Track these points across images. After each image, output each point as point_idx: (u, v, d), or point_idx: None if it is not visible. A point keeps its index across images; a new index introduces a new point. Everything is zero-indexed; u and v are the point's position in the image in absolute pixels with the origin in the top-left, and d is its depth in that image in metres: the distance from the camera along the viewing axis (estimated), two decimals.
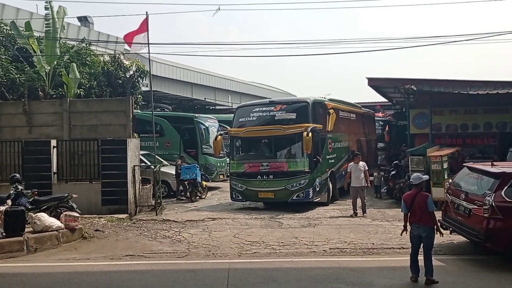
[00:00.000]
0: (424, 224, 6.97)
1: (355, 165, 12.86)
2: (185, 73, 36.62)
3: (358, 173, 12.71)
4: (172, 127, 19.32)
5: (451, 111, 18.00)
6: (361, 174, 12.70)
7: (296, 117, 13.69)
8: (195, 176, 15.72)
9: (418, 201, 7.04)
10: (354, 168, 12.82)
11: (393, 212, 12.84)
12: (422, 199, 7.03)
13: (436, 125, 17.94)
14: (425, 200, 7.01)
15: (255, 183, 13.78)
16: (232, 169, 14.63)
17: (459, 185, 8.96)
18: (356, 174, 12.73)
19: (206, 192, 16.66)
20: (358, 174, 12.71)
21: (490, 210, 7.67)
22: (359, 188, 12.70)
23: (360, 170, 12.74)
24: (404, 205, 7.22)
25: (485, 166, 8.74)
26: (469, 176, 8.90)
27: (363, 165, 12.86)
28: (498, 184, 7.87)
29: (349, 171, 13.01)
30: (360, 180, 12.69)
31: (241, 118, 14.51)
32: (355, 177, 12.76)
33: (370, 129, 21.12)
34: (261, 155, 14.21)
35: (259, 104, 14.96)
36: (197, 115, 19.83)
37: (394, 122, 25.90)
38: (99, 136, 13.35)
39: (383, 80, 18.46)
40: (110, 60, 19.09)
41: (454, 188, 9.03)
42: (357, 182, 12.71)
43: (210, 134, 19.05)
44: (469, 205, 8.19)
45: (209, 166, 18.75)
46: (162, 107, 24.04)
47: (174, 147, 19.05)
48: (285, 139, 13.82)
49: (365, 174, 12.80)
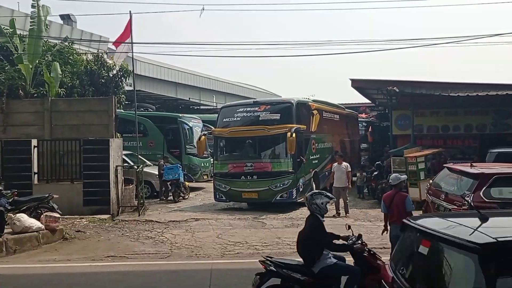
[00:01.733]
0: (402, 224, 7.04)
1: (338, 165, 12.98)
2: (170, 72, 36.41)
3: (341, 174, 12.82)
4: (156, 127, 19.19)
5: (432, 112, 18.25)
6: (343, 175, 12.81)
7: (280, 118, 13.72)
8: (178, 176, 15.65)
9: (396, 201, 7.13)
10: (337, 169, 12.94)
11: (375, 212, 12.95)
12: (400, 199, 7.12)
13: (418, 126, 18.17)
14: (403, 200, 7.10)
15: (239, 183, 13.78)
16: (216, 170, 14.60)
17: (439, 185, 9.10)
18: (339, 174, 12.85)
19: (188, 193, 16.60)
20: (340, 175, 12.83)
21: (469, 210, 7.79)
22: (341, 189, 12.82)
23: (342, 171, 12.85)
24: (384, 205, 7.30)
25: (464, 167, 8.89)
26: (449, 177, 9.05)
27: (346, 165, 12.97)
28: (477, 184, 8.00)
29: (332, 171, 13.13)
30: (343, 180, 12.81)
31: (225, 118, 14.49)
32: (337, 178, 12.87)
33: (353, 130, 21.29)
34: (245, 155, 14.21)
35: (243, 104, 14.96)
36: (181, 115, 19.74)
37: (377, 123, 26.13)
38: (81, 136, 13.19)
39: (367, 81, 18.62)
40: (93, 59, 18.88)
41: (434, 189, 9.17)
42: (340, 182, 12.83)
43: (194, 134, 18.98)
44: (448, 205, 8.32)
45: (192, 166, 18.68)
46: (145, 106, 23.85)
47: (158, 147, 18.93)
48: (269, 140, 13.84)
49: (348, 175, 12.91)
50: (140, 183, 13.51)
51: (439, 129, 18.26)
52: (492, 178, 8.02)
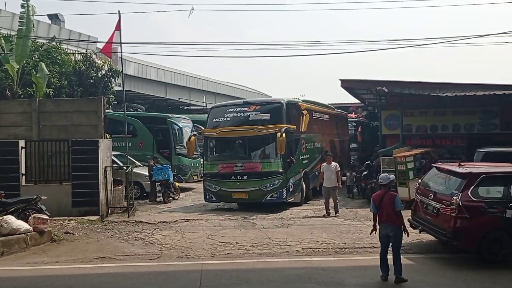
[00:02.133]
0: (391, 223, 7.11)
1: (327, 165, 13.02)
2: (159, 72, 36.26)
3: (330, 174, 12.86)
4: (145, 128, 19.13)
5: (421, 112, 18.39)
6: (333, 175, 12.85)
7: (270, 118, 13.74)
8: (168, 177, 15.60)
9: (385, 201, 7.17)
10: (326, 169, 12.98)
11: (365, 212, 13.03)
12: (390, 198, 7.16)
13: (407, 126, 18.31)
14: (393, 199, 7.15)
15: (229, 184, 13.77)
16: (206, 170, 14.58)
17: (428, 185, 9.17)
18: (328, 174, 12.88)
19: (179, 193, 16.56)
20: (330, 175, 12.86)
21: (457, 209, 7.87)
22: (330, 189, 12.86)
23: (332, 171, 12.89)
24: (373, 204, 7.34)
25: (452, 167, 8.97)
26: (438, 176, 9.12)
27: (335, 165, 13.02)
28: (465, 184, 8.08)
29: (322, 171, 13.16)
30: (332, 180, 12.85)
31: (215, 118, 14.48)
32: (327, 178, 12.91)
33: (343, 130, 21.39)
34: (235, 155, 14.20)
35: (233, 104, 14.96)
36: (171, 115, 19.68)
37: (366, 123, 26.26)
38: (70, 136, 13.08)
39: (356, 81, 18.71)
40: (82, 59, 18.74)
41: (423, 188, 9.24)
42: (329, 182, 12.86)
43: (183, 134, 18.94)
44: (437, 205, 8.39)
45: (182, 166, 18.64)
46: (135, 107, 23.75)
47: (147, 147, 18.87)
48: (259, 140, 13.85)
49: (337, 174, 12.96)
50: (129, 184, 13.44)
51: (427, 129, 18.41)
52: (480, 177, 8.11)
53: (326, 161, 13.23)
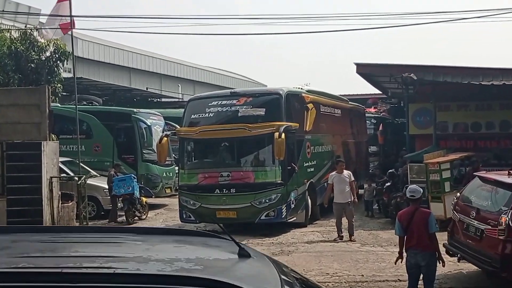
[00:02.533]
0: (423, 250, 7.12)
1: (338, 175, 13.00)
2: (122, 54, 36.23)
3: (343, 186, 12.84)
4: (103, 126, 19.06)
5: (459, 106, 18.49)
6: (346, 187, 12.84)
7: (265, 114, 13.73)
8: (132, 190, 15.54)
9: (416, 221, 7.17)
10: (338, 179, 12.95)
11: (388, 235, 13.04)
12: (422, 217, 7.17)
13: (442, 123, 18.39)
14: (426, 219, 7.15)
15: (212, 199, 13.74)
16: (182, 181, 14.54)
17: (469, 200, 9.19)
18: (340, 186, 12.86)
19: (147, 211, 16.50)
20: (342, 187, 12.85)
21: (506, 231, 7.88)
22: (344, 205, 12.85)
23: (345, 182, 12.88)
24: (400, 225, 7.34)
25: (500, 176, 8.99)
26: (481, 189, 9.14)
27: (348, 174, 13.02)
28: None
29: (331, 182, 13.14)
30: (346, 194, 12.84)
31: (194, 114, 14.46)
32: (339, 191, 12.89)
33: (359, 129, 21.46)
34: (220, 162, 14.18)
35: (218, 96, 14.95)
36: (136, 110, 19.63)
37: (389, 119, 26.37)
38: (4, 138, 12.99)
39: (375, 66, 18.79)
40: (20, 37, 18.63)
41: (463, 204, 9.26)
42: (342, 196, 12.86)
43: (153, 135, 18.89)
44: (481, 225, 8.40)
45: (151, 177, 18.59)
46: (89, 99, 23.65)
47: (106, 152, 18.80)
48: (251, 142, 13.85)
49: (352, 186, 12.97)
50: (82, 200, 13.39)
51: (468, 127, 18.50)
52: None
53: (337, 169, 13.23)
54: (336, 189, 12.94)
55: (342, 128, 19.13)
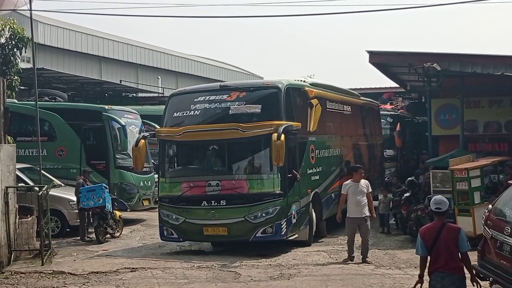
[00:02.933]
0: (452, 272, 7.10)
1: (355, 184, 12.84)
2: (90, 41, 36.19)
3: (360, 197, 12.67)
4: (68, 126, 19.03)
5: (491, 102, 18.54)
6: (363, 199, 12.73)
7: (261, 111, 13.73)
8: (103, 202, 15.50)
9: (444, 238, 7.15)
10: (353, 189, 12.78)
11: (407, 255, 13.04)
12: (451, 234, 7.15)
13: (470, 122, 18.43)
14: (455, 236, 7.13)
15: (198, 213, 13.72)
16: (163, 192, 14.51)
17: (503, 213, 9.20)
18: (357, 198, 12.68)
19: (121, 228, 16.46)
20: (359, 199, 12.67)
21: None
22: (360, 220, 12.70)
23: (362, 192, 12.71)
24: (422, 243, 7.29)
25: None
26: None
27: (365, 184, 12.91)
28: None
29: (345, 193, 13.00)
30: (363, 207, 12.68)
31: (176, 112, 14.45)
32: (354, 203, 12.74)
33: (373, 129, 21.49)
34: (208, 169, 14.19)
35: (205, 90, 14.95)
36: (108, 107, 19.60)
37: (408, 118, 26.44)
38: None
39: (392, 55, 18.77)
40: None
41: (495, 218, 9.26)
42: (358, 210, 12.68)
43: (128, 136, 18.85)
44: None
45: (126, 186, 18.58)
46: (52, 94, 23.59)
47: (72, 157, 18.77)
48: (244, 145, 13.86)
49: (369, 198, 12.91)
50: (44, 214, 13.32)
51: (502, 126, 18.54)
52: None
53: (353, 177, 13.10)
54: (351, 201, 12.79)
55: (353, 128, 19.16)
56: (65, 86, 28.28)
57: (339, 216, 13.50)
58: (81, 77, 30.66)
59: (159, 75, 41.87)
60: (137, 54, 41.10)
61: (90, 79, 31.36)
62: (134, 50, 40.79)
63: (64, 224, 16.44)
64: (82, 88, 29.76)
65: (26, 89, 21.81)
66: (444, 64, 16.78)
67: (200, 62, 49.19)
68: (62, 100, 23.32)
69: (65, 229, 16.40)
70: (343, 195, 13.07)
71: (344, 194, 13.02)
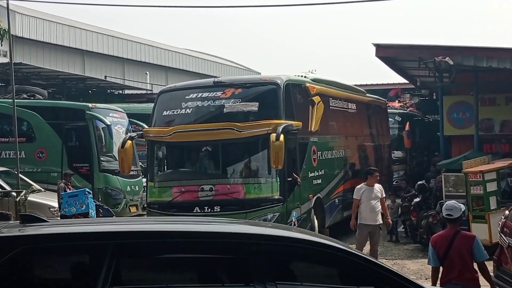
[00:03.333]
0: (466, 284, 7.11)
1: (369, 188, 12.72)
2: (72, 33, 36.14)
3: (374, 203, 12.61)
4: (49, 126, 19.00)
5: (508, 99, 18.54)
6: (378, 204, 12.67)
7: (258, 109, 13.70)
8: (86, 209, 15.45)
9: (457, 247, 7.15)
10: (368, 194, 12.66)
11: (417, 265, 13.05)
12: (465, 243, 7.15)
13: (485, 121, 18.43)
14: (470, 244, 7.13)
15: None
16: (151, 197, 14.48)
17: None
18: (371, 204, 12.57)
19: None
20: (373, 204, 12.58)
21: None
22: (374, 228, 12.65)
23: (376, 198, 12.61)
24: (434, 253, 7.30)
25: None
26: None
27: (380, 189, 12.86)
28: None
29: (358, 198, 12.90)
30: (377, 213, 12.66)
31: (166, 110, 14.43)
32: (369, 209, 12.62)
33: (380, 129, 21.49)
34: (201, 172, 14.21)
35: (198, 86, 14.94)
36: (92, 106, 19.56)
37: (418, 116, 26.43)
38: None
39: (400, 48, 18.79)
40: None
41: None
42: (372, 217, 12.56)
43: (114, 137, 18.81)
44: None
45: (112, 191, 18.56)
46: (31, 91, 23.55)
47: (52, 159, 18.75)
48: (240, 146, 13.88)
49: (383, 203, 12.88)
50: None
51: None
52: None
53: (368, 181, 13.01)
54: (365, 207, 12.70)
55: (358, 127, 19.17)
56: (45, 82, 28.23)
57: (353, 223, 13.40)
58: (63, 72, 30.58)
59: (147, 71, 41.85)
60: (124, 48, 41.03)
61: (72, 75, 31.30)
62: (120, 43, 40.74)
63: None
64: (64, 85, 29.68)
65: (2, 86, 21.80)
66: (457, 58, 16.80)
67: (192, 56, 49.13)
68: (41, 97, 23.26)
69: None
70: (356, 200, 12.96)
71: (357, 199, 12.92)
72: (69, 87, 30.18)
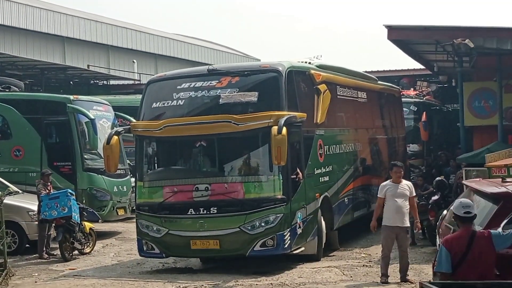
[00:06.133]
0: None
1: (395, 185, 12.59)
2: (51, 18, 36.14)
3: (401, 202, 12.47)
4: (26, 121, 19.04)
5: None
6: (406, 204, 12.53)
7: (258, 100, 13.74)
8: (69, 212, 15.51)
9: (478, 248, 7.09)
10: (393, 192, 12.53)
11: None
12: (485, 243, 7.11)
13: (510, 110, 18.46)
14: (489, 242, 7.07)
15: (184, 223, 13.76)
16: (141, 198, 14.54)
17: None
18: (397, 203, 12.41)
19: (92, 243, 16.48)
20: (401, 204, 12.44)
21: None
22: (401, 230, 12.54)
23: (404, 196, 12.49)
24: (449, 257, 7.11)
25: None
26: None
27: (408, 186, 12.72)
28: None
29: (382, 196, 12.80)
30: (404, 214, 12.50)
31: (156, 102, 14.47)
32: (395, 209, 12.47)
33: (393, 120, 21.53)
34: (195, 170, 14.29)
35: (190, 75, 14.97)
36: (74, 98, 19.59)
37: (436, 105, 26.46)
38: None
39: (415, 29, 18.83)
40: None
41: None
42: (398, 218, 12.40)
43: (98, 132, 18.85)
44: None
45: (97, 193, 18.62)
46: (6, 83, 23.64)
47: (30, 158, 18.82)
48: (238, 141, 13.91)
49: (412, 203, 12.73)
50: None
51: None
52: None
53: (392, 178, 12.91)
54: (390, 207, 12.54)
55: (369, 119, 19.23)
56: (21, 73, 28.29)
57: (373, 224, 13.28)
58: (41, 61, 30.63)
59: (134, 59, 41.84)
60: (108, 34, 41.00)
61: (52, 64, 31.32)
62: (104, 29, 40.71)
63: (23, 238, 16.39)
64: (42, 75, 29.74)
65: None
66: (478, 40, 16.81)
67: (183, 42, 49.10)
68: (18, 89, 23.35)
69: (24, 244, 16.38)
70: (380, 199, 12.85)
71: (381, 198, 12.79)
72: (48, 77, 30.24)
